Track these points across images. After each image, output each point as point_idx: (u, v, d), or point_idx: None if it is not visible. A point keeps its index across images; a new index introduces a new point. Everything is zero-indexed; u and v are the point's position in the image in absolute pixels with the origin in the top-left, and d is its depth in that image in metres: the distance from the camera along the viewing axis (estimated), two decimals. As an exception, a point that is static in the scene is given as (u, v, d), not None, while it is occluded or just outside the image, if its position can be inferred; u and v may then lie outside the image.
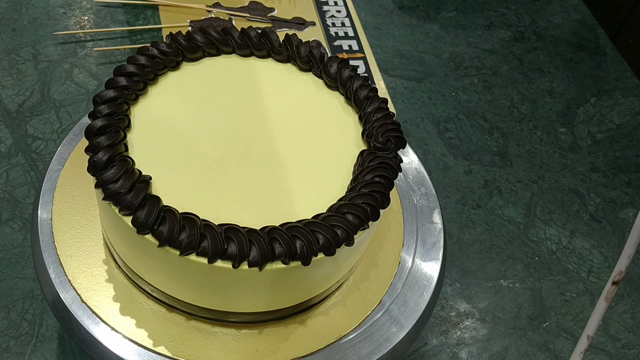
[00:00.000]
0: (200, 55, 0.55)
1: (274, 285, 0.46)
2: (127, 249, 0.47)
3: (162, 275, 0.47)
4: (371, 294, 0.54)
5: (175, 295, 0.48)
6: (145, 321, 0.49)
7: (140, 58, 0.51)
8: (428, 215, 0.60)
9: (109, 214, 0.45)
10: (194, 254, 0.42)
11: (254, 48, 0.56)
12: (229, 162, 0.48)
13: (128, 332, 0.48)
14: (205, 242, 0.42)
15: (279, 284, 0.46)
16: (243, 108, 0.53)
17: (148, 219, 0.42)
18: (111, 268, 0.52)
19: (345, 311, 0.53)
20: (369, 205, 0.45)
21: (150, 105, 0.51)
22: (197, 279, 0.45)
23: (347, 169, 0.49)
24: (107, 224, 0.49)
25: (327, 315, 0.52)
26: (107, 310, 0.49)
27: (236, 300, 0.48)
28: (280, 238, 0.42)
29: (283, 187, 0.48)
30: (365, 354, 0.50)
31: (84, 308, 0.49)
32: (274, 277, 0.44)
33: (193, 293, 0.48)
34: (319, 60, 0.55)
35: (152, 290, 0.49)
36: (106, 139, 0.45)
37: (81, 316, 0.49)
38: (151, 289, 0.49)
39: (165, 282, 0.48)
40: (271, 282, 0.45)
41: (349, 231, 0.44)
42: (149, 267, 0.47)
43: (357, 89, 0.53)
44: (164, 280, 0.48)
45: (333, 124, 0.53)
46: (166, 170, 0.46)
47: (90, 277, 0.51)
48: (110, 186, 0.43)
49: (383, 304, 0.54)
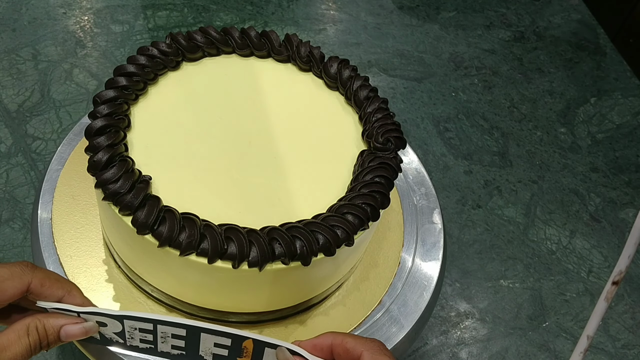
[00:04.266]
0: (200, 55, 0.55)
1: (274, 285, 0.46)
2: (127, 249, 0.47)
3: (162, 275, 0.47)
4: (371, 294, 0.54)
5: (175, 295, 0.48)
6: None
7: (140, 58, 0.51)
8: (428, 215, 0.60)
9: (109, 214, 0.45)
10: (194, 254, 0.42)
11: (254, 48, 0.56)
12: (229, 162, 0.48)
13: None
14: (205, 242, 0.42)
15: (279, 284, 0.46)
16: (243, 108, 0.53)
17: (148, 219, 0.42)
18: (111, 268, 0.52)
19: (345, 311, 0.53)
20: (369, 205, 0.45)
21: (150, 105, 0.51)
22: (197, 279, 0.45)
23: (347, 169, 0.49)
24: (107, 224, 0.49)
25: (327, 316, 0.52)
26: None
27: (236, 300, 0.48)
28: (280, 238, 0.42)
29: (283, 187, 0.48)
30: (365, 354, 0.50)
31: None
32: (273, 277, 0.44)
33: (193, 293, 0.48)
34: (319, 61, 0.55)
35: (152, 290, 0.49)
36: (106, 139, 0.45)
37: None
38: (151, 289, 0.49)
39: (165, 282, 0.48)
40: (271, 282, 0.45)
41: (348, 231, 0.44)
42: (149, 267, 0.47)
43: (357, 89, 0.53)
44: (164, 280, 0.48)
45: (333, 124, 0.53)
46: (166, 170, 0.46)
47: (90, 277, 0.51)
48: (110, 186, 0.43)
49: (383, 304, 0.54)
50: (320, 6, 1.08)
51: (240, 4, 1.04)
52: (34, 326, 0.39)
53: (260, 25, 1.01)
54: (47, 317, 0.39)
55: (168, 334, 0.42)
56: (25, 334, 0.38)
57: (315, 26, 1.03)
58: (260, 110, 0.53)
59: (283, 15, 1.04)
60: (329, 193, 0.47)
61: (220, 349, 0.42)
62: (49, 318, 0.39)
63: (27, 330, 0.38)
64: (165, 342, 0.43)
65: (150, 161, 0.46)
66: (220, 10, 1.02)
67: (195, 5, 1.01)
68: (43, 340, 0.39)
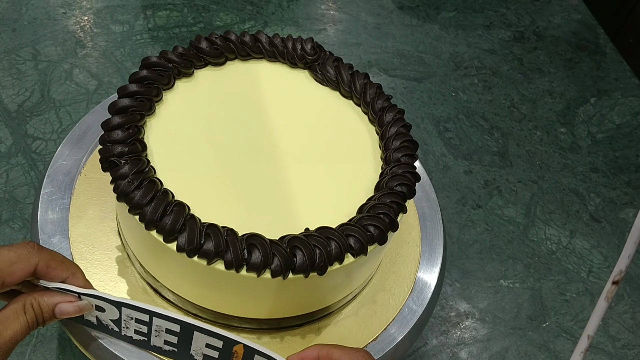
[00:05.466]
0: (223, 60, 0.55)
1: (284, 293, 0.46)
2: (151, 257, 0.47)
3: (183, 281, 0.47)
4: (384, 308, 0.54)
5: (182, 294, 0.48)
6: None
7: (171, 56, 0.51)
8: (428, 215, 0.60)
9: (131, 224, 0.45)
10: (219, 262, 0.42)
11: (276, 55, 0.56)
12: (247, 169, 0.49)
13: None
14: (229, 252, 0.42)
15: (291, 292, 0.46)
16: (261, 116, 0.53)
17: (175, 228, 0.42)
18: (112, 268, 0.52)
19: (357, 321, 0.53)
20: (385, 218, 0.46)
21: (166, 114, 0.50)
22: (220, 284, 0.45)
23: (364, 179, 0.50)
24: (128, 232, 0.49)
25: (336, 326, 0.52)
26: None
27: (249, 306, 0.47)
28: (303, 247, 0.42)
29: (301, 196, 0.48)
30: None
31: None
32: (294, 285, 0.44)
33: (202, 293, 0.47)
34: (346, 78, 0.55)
35: (159, 286, 0.49)
36: (131, 167, 0.44)
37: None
38: (171, 295, 0.49)
39: (173, 281, 0.48)
40: (281, 290, 0.45)
41: (365, 241, 0.44)
42: (169, 273, 0.47)
43: (373, 102, 0.53)
44: (185, 286, 0.47)
45: (349, 133, 0.53)
46: (186, 179, 0.46)
47: (89, 277, 0.51)
48: (145, 209, 0.42)
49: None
50: (320, 6, 1.08)
51: (240, 4, 1.04)
52: (29, 304, 0.40)
53: (260, 26, 1.01)
54: (42, 294, 0.41)
55: (162, 328, 0.42)
56: (22, 311, 0.40)
57: (315, 26, 1.03)
58: (279, 118, 0.53)
59: (283, 15, 1.04)
60: (346, 202, 0.48)
61: (211, 350, 0.43)
62: (43, 296, 0.41)
63: (24, 308, 0.40)
64: (158, 337, 0.43)
65: (171, 172, 0.46)
66: (220, 10, 1.02)
67: (195, 5, 1.01)
68: (39, 317, 0.41)
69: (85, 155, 0.57)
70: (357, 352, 0.41)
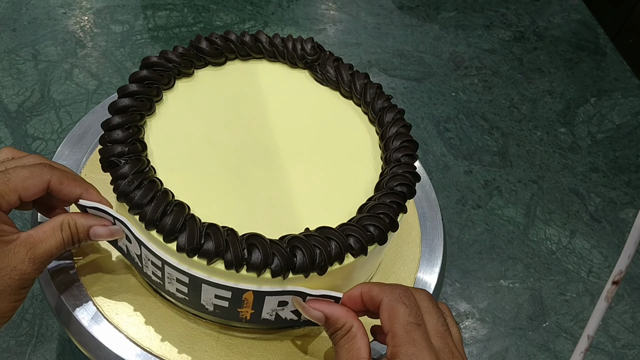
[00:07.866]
0: (223, 60, 0.55)
1: None
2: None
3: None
4: None
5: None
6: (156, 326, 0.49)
7: (170, 56, 0.51)
8: (428, 215, 0.60)
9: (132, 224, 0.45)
10: (219, 262, 0.42)
11: (276, 55, 0.56)
12: (247, 169, 0.48)
13: (131, 332, 0.48)
14: (229, 251, 0.42)
15: None
16: (261, 116, 0.53)
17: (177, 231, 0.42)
18: (112, 268, 0.52)
19: None
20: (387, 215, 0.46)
21: (166, 113, 0.50)
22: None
23: (363, 180, 0.50)
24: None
25: None
26: (107, 310, 0.49)
27: None
28: (303, 247, 0.42)
29: (301, 196, 0.48)
30: (366, 354, 0.50)
31: (85, 307, 0.49)
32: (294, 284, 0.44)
33: None
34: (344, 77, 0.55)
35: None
36: (131, 167, 0.44)
37: (81, 316, 0.49)
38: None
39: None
40: None
41: (365, 241, 0.44)
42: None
43: (374, 102, 0.53)
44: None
45: (349, 133, 0.53)
46: (185, 178, 0.46)
47: (90, 277, 0.51)
48: (145, 210, 0.42)
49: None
50: (320, 6, 1.08)
51: (240, 4, 1.04)
52: (66, 223, 0.43)
53: (260, 26, 1.01)
54: (79, 216, 0.44)
55: (173, 277, 0.43)
56: (59, 229, 0.42)
57: (315, 26, 1.04)
58: (279, 117, 0.53)
59: (283, 15, 1.04)
60: (346, 202, 0.48)
61: (221, 300, 0.44)
62: (80, 217, 0.44)
63: (61, 226, 0.42)
64: (171, 284, 0.44)
65: (171, 172, 0.46)
66: (220, 10, 1.02)
67: (195, 5, 1.01)
68: (74, 236, 0.43)
69: (85, 155, 0.57)
70: (395, 288, 0.41)
